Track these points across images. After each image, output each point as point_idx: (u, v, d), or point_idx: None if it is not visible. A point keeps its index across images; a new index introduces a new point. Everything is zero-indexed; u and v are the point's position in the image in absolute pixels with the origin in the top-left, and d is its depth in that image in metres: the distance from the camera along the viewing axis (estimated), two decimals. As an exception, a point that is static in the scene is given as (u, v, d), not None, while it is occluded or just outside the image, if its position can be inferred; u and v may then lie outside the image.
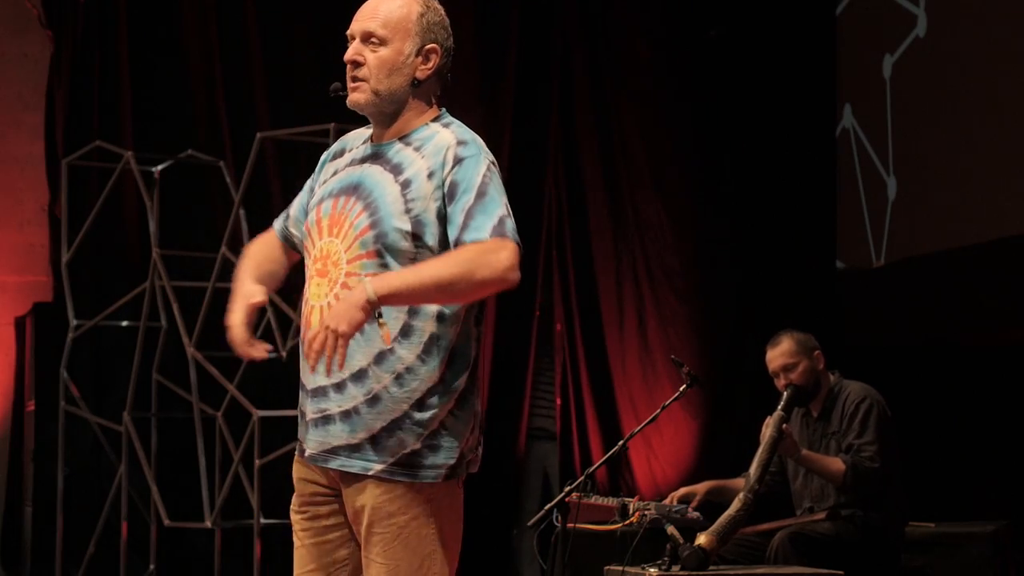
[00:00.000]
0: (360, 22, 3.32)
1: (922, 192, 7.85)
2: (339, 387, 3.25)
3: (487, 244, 3.08)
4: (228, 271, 7.52)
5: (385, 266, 3.20)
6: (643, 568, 5.20)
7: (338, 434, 3.24)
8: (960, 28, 7.57)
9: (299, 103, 8.30)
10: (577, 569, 5.85)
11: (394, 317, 3.16)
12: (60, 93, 8.12)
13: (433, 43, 3.30)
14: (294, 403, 8.55)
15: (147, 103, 8.21)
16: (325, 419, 3.27)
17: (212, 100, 8.29)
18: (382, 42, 3.29)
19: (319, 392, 3.31)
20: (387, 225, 3.21)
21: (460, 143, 3.27)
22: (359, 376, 3.21)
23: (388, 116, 3.38)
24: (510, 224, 3.14)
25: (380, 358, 3.19)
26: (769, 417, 5.69)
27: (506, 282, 3.09)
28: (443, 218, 3.18)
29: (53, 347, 7.75)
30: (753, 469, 5.49)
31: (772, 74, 8.66)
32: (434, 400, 3.17)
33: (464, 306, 3.19)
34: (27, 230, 8.28)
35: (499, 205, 3.14)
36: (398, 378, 3.17)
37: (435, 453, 3.17)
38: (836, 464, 5.84)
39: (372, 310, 3.09)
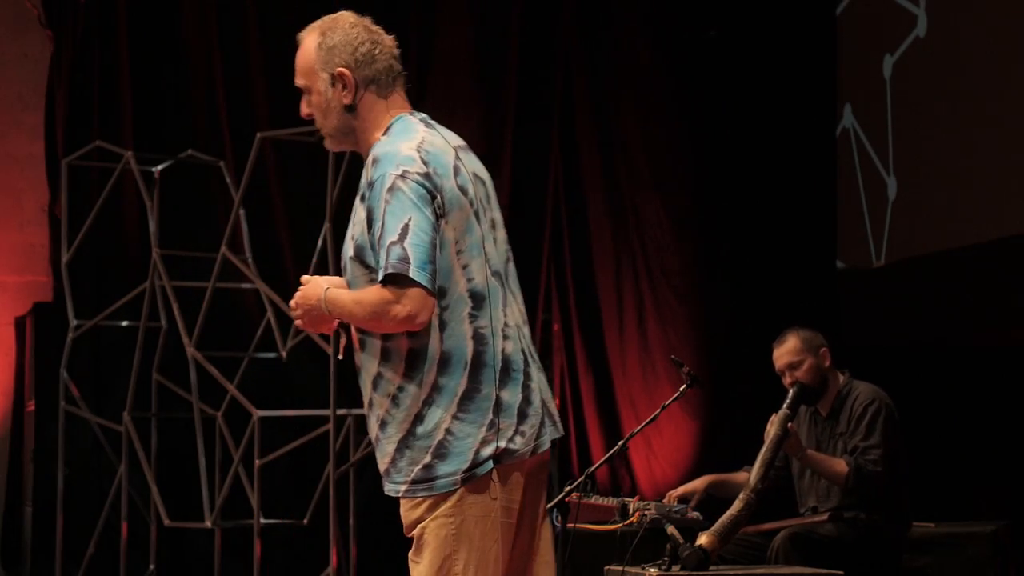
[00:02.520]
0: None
1: (922, 192, 7.85)
2: (367, 419, 3.40)
3: (386, 294, 3.16)
4: (228, 271, 7.53)
5: (351, 285, 3.34)
6: (643, 568, 5.19)
7: (378, 462, 3.39)
8: (960, 28, 7.57)
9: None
10: (577, 569, 5.85)
11: (371, 340, 3.28)
12: (60, 93, 8.12)
13: (338, 67, 3.33)
14: (294, 403, 8.60)
15: (147, 103, 8.21)
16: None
17: (212, 100, 8.29)
18: (307, 91, 3.40)
19: None
20: (343, 250, 3.37)
21: (373, 162, 3.28)
22: (369, 406, 3.36)
23: (358, 146, 3.42)
24: (403, 255, 3.14)
25: (376, 385, 3.31)
26: (774, 415, 5.67)
27: (408, 329, 3.19)
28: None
29: (53, 347, 7.75)
30: (756, 468, 5.47)
31: (772, 74, 8.66)
32: (432, 410, 3.22)
33: (445, 311, 3.22)
34: (27, 230, 8.28)
35: (395, 233, 3.15)
36: (394, 400, 3.27)
37: (444, 461, 3.22)
38: (840, 465, 5.83)
39: (321, 308, 3.30)
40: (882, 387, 6.15)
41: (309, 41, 3.36)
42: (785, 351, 5.99)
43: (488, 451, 3.22)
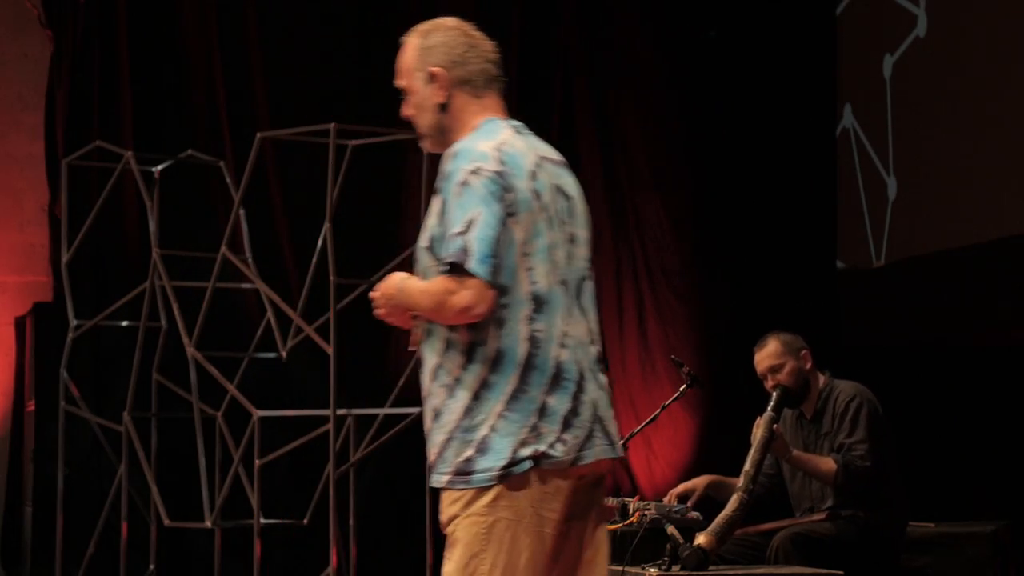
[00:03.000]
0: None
1: (922, 192, 7.85)
2: (424, 410, 3.42)
3: (447, 284, 3.23)
4: (228, 271, 7.53)
5: (424, 276, 3.39)
6: (643, 568, 5.20)
7: (428, 452, 3.40)
8: (960, 28, 7.57)
9: (299, 103, 8.30)
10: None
11: (436, 332, 3.33)
12: (60, 93, 8.12)
13: (433, 66, 3.45)
14: (294, 403, 8.58)
15: (147, 103, 8.21)
16: None
17: (212, 100, 8.29)
18: (407, 91, 3.51)
19: None
20: (418, 240, 3.42)
21: (451, 156, 3.35)
22: (427, 397, 3.38)
23: (448, 145, 3.45)
24: (466, 247, 3.21)
25: (435, 375, 3.34)
26: (759, 418, 5.70)
27: (467, 320, 3.25)
28: None
29: (53, 347, 7.74)
30: (747, 469, 5.51)
31: (772, 74, 8.66)
32: (482, 406, 3.26)
33: (505, 309, 3.26)
34: (27, 230, 8.28)
35: (460, 225, 3.23)
36: (450, 391, 3.30)
37: (484, 456, 3.24)
38: (827, 464, 5.84)
39: (399, 298, 3.36)
40: (882, 387, 6.15)
41: (410, 43, 3.52)
42: (766, 355, 6.01)
43: (526, 452, 3.23)
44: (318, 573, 7.27)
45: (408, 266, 8.66)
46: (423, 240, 3.37)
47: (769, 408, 5.75)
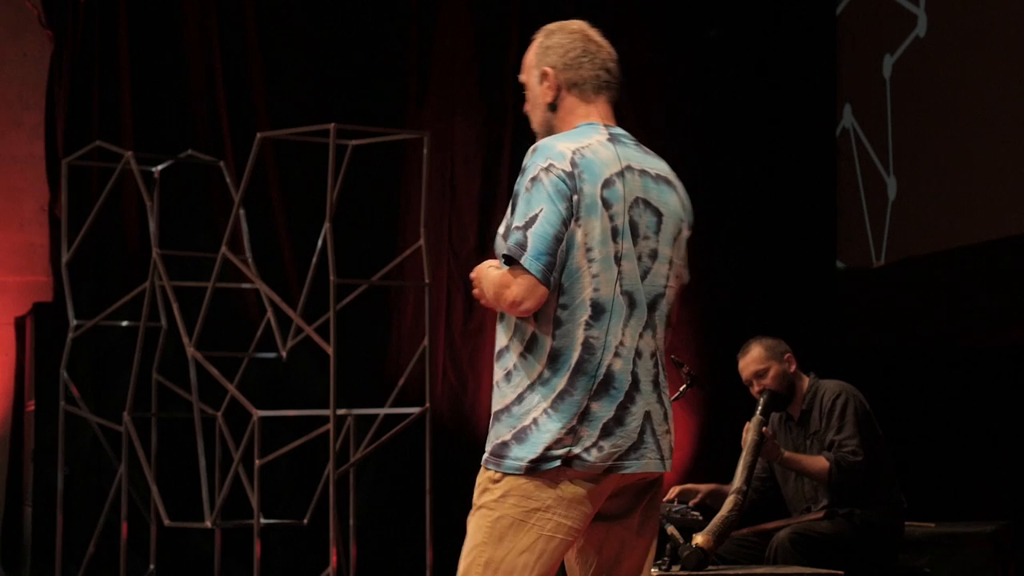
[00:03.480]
0: None
1: (922, 192, 7.85)
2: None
3: (504, 276, 3.32)
4: (228, 271, 7.53)
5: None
6: (643, 568, 5.20)
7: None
8: (960, 28, 7.57)
9: (299, 103, 8.31)
10: (577, 569, 5.85)
11: (508, 317, 3.40)
12: (60, 93, 8.12)
13: (546, 66, 3.53)
14: (294, 403, 8.58)
15: (147, 103, 8.21)
16: None
17: (212, 100, 8.29)
18: (525, 87, 3.61)
19: None
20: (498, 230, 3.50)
21: (531, 152, 3.42)
22: (493, 376, 3.47)
23: None
24: (523, 241, 3.28)
25: (499, 357, 3.42)
26: (748, 422, 5.72)
27: (518, 314, 3.33)
28: None
29: (53, 347, 7.75)
30: (739, 472, 5.54)
31: (772, 74, 8.66)
32: (532, 396, 3.32)
33: (564, 310, 3.32)
34: (27, 230, 8.29)
35: (522, 219, 3.30)
36: (507, 375, 3.38)
37: (520, 445, 3.31)
38: (820, 462, 5.85)
39: (478, 282, 3.45)
40: (882, 387, 6.17)
41: (534, 41, 3.60)
42: (750, 360, 6.04)
43: (559, 451, 3.29)
44: (318, 573, 7.27)
45: (407, 265, 8.68)
46: (501, 228, 3.43)
47: (757, 412, 5.79)
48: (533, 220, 3.29)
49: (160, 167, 7.75)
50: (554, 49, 3.54)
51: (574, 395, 3.30)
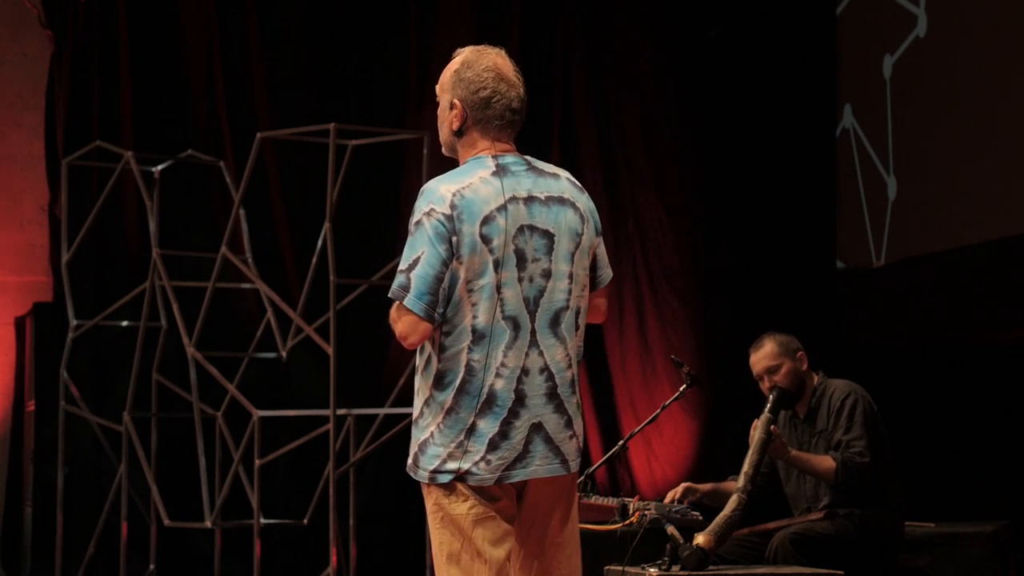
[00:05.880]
0: None
1: (922, 192, 7.86)
2: None
3: (393, 313, 3.65)
4: (228, 271, 7.53)
5: None
6: (643, 568, 5.20)
7: None
8: (960, 28, 7.57)
9: (299, 103, 8.31)
10: (577, 569, 5.84)
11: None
12: (60, 93, 8.12)
13: (457, 98, 3.72)
14: (294, 403, 8.56)
15: (147, 103, 8.21)
16: None
17: (212, 100, 8.29)
18: (437, 100, 3.80)
19: None
20: None
21: (419, 194, 3.68)
22: None
23: (456, 158, 3.82)
24: (406, 283, 3.58)
25: (417, 374, 3.76)
26: (756, 420, 5.71)
27: (406, 347, 3.66)
28: None
29: (53, 347, 7.75)
30: (745, 470, 5.52)
31: (772, 74, 8.66)
32: (427, 412, 3.67)
33: (448, 337, 3.63)
34: (27, 230, 8.29)
35: (406, 263, 3.60)
36: (417, 393, 3.74)
37: (423, 456, 3.66)
38: (827, 462, 5.85)
39: None
40: (882, 387, 6.16)
41: (452, 64, 3.77)
42: (763, 355, 6.02)
43: (452, 465, 3.62)
44: (318, 573, 7.27)
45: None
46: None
47: (766, 410, 5.76)
48: (416, 262, 3.57)
49: (160, 167, 7.76)
50: (466, 83, 3.71)
51: (460, 413, 3.62)
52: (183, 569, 7.96)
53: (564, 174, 3.78)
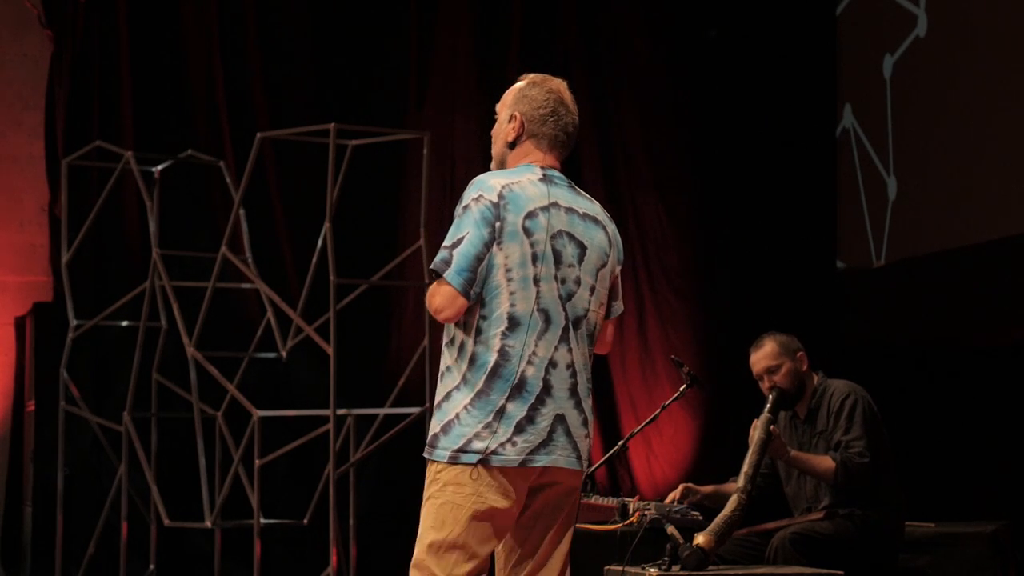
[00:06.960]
0: None
1: (922, 192, 7.86)
2: None
3: (432, 287, 3.81)
4: (228, 271, 7.53)
5: None
6: (643, 568, 5.20)
7: None
8: (960, 28, 7.57)
9: (299, 103, 8.31)
10: (577, 569, 5.84)
11: (449, 327, 3.87)
12: (60, 93, 8.13)
13: (518, 112, 3.99)
14: (294, 403, 8.56)
15: (147, 103, 8.21)
16: None
17: (212, 100, 8.29)
18: (497, 118, 4.08)
19: None
20: None
21: (469, 184, 3.88)
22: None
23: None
24: (448, 258, 3.75)
25: (443, 355, 3.89)
26: (756, 420, 5.71)
27: (441, 321, 3.82)
28: None
29: (53, 347, 7.75)
30: (744, 470, 5.52)
31: (772, 74, 8.66)
32: (457, 395, 3.79)
33: (484, 320, 3.78)
34: (27, 230, 8.29)
35: (450, 240, 3.78)
36: (441, 376, 3.87)
37: (446, 436, 3.78)
38: (826, 462, 5.84)
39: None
40: (882, 387, 6.15)
41: (517, 84, 4.07)
42: (763, 355, 6.01)
43: (479, 445, 3.74)
44: (318, 573, 7.27)
45: (407, 265, 8.65)
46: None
47: (765, 410, 5.76)
48: (459, 241, 3.76)
49: (160, 167, 7.76)
50: (530, 100, 4.01)
51: (491, 395, 3.76)
52: (183, 569, 7.97)
53: (597, 202, 4.01)
